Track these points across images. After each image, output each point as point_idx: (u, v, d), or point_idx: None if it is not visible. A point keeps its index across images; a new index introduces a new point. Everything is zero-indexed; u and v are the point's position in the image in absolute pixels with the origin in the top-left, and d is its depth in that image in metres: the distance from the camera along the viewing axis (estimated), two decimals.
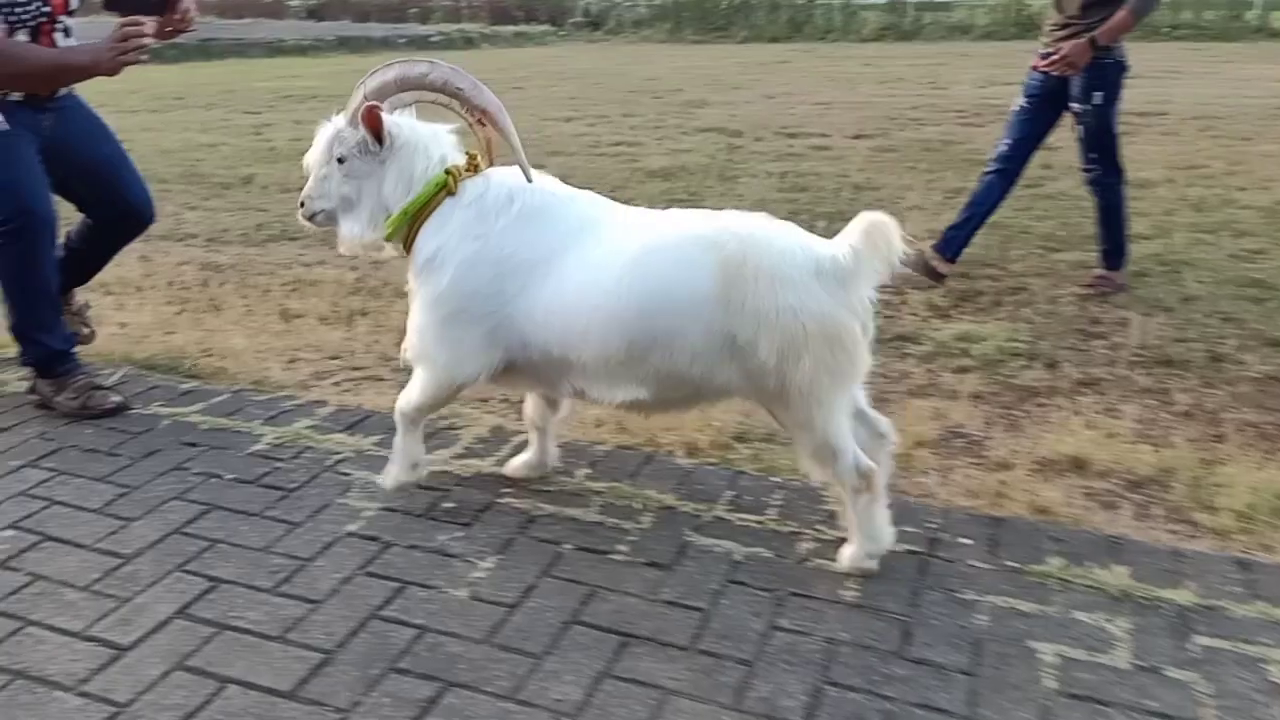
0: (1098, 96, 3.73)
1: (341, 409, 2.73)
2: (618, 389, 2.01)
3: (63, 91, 2.71)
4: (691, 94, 11.02)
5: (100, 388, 2.73)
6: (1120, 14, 3.58)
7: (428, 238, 2.09)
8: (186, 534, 2.10)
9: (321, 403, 2.76)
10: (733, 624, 1.78)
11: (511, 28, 22.25)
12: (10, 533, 2.10)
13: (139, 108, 10.43)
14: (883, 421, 2.06)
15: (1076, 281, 3.95)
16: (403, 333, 2.24)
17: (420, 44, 19.60)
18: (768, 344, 1.84)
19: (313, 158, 2.20)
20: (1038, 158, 4.18)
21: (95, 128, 2.86)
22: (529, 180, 2.12)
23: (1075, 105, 3.77)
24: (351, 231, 2.17)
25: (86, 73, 2.53)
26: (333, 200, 2.18)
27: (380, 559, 1.99)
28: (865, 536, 1.93)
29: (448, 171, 2.11)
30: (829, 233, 1.97)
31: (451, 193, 2.10)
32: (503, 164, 2.22)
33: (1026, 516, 2.13)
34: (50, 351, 2.73)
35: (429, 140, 2.14)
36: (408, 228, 2.11)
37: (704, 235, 1.92)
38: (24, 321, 2.71)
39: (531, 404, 2.28)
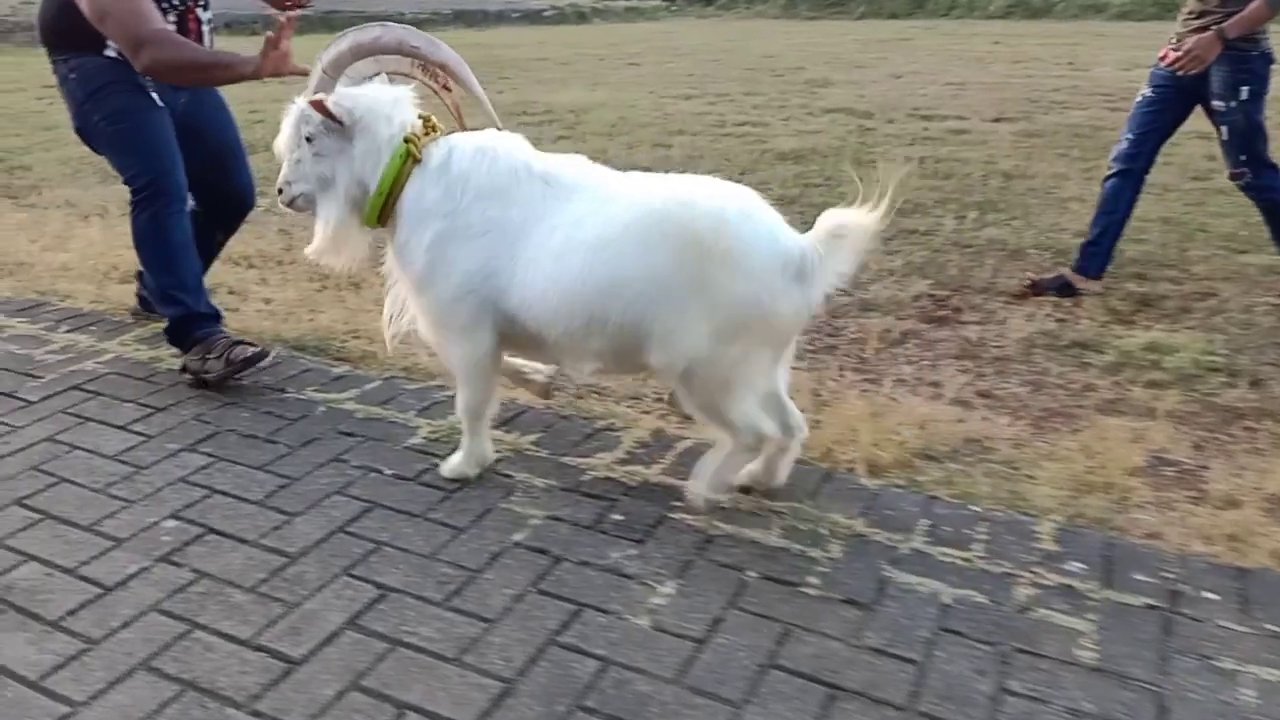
0: (1244, 92, 3.31)
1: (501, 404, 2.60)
2: (585, 363, 2.03)
3: None
4: (813, 72, 10.64)
5: (239, 342, 2.70)
6: (1254, 4, 3.16)
7: (402, 218, 2.08)
8: (350, 533, 2.00)
9: None
10: (954, 682, 1.58)
11: (623, 2, 22.03)
12: (173, 523, 2.04)
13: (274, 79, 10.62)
14: (797, 415, 2.04)
15: (1270, 288, 3.58)
16: None
17: (533, 18, 19.58)
18: (713, 328, 1.84)
19: (282, 142, 2.16)
20: (1201, 148, 3.79)
21: (222, 112, 2.97)
22: (499, 128, 2.14)
23: (1216, 103, 3.35)
24: (329, 214, 2.12)
25: (239, 78, 2.56)
26: (310, 181, 2.14)
27: (552, 575, 1.85)
28: (714, 476, 2.01)
29: (407, 140, 2.06)
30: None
31: (417, 160, 2.06)
32: (474, 129, 2.20)
33: (1276, 569, 1.86)
34: (191, 313, 2.72)
35: (390, 107, 2.09)
36: (383, 207, 2.09)
37: (672, 215, 1.87)
38: (164, 281, 2.74)
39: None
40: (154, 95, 2.67)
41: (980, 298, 3.58)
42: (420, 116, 2.13)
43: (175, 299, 2.72)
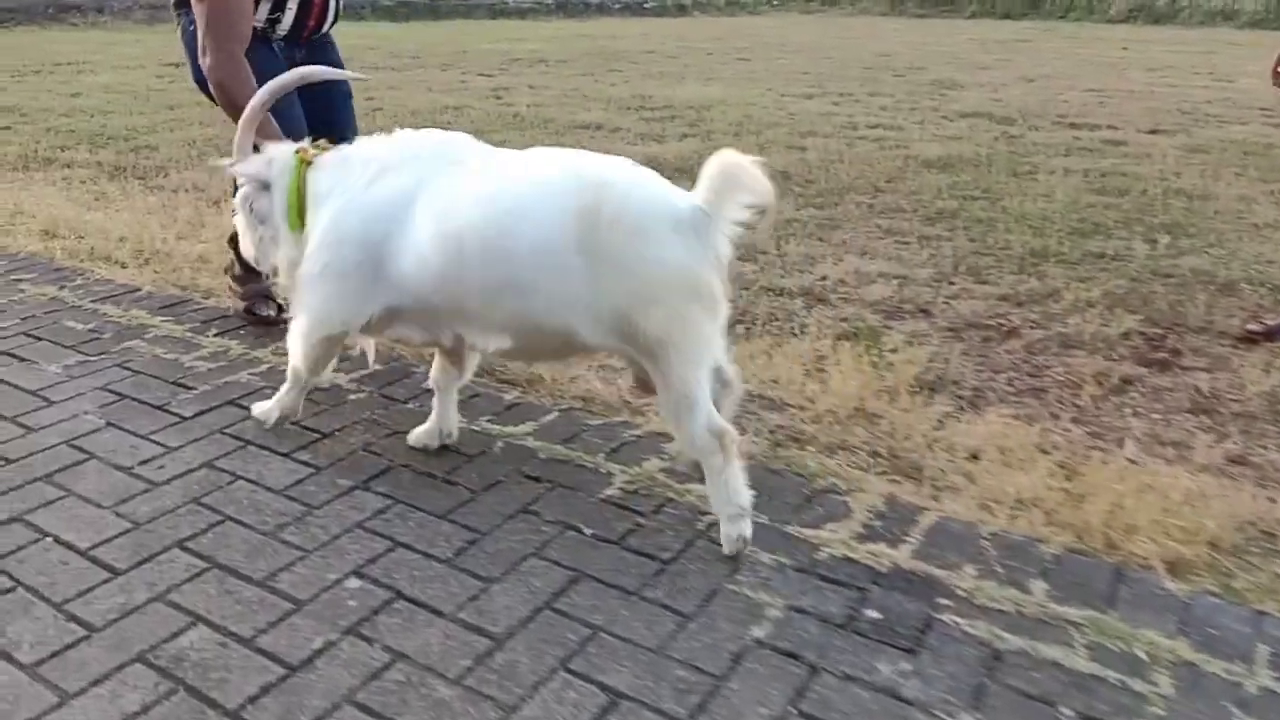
0: None
1: None
2: (489, 337, 1.98)
3: (328, 27, 2.91)
4: (937, 73, 10.12)
5: (267, 296, 2.93)
6: None
7: (309, 213, 2.14)
8: (558, 611, 1.69)
9: (664, 435, 2.33)
10: None
11: None
12: (356, 583, 1.77)
13: (380, 64, 10.48)
14: (728, 369, 1.94)
15: None
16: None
17: (635, 10, 19.28)
18: (623, 294, 1.80)
19: (249, 237, 2.31)
20: None
21: (338, 63, 2.97)
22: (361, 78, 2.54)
23: None
24: (286, 257, 2.22)
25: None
26: (274, 250, 2.26)
27: (812, 692, 1.52)
28: (726, 504, 1.86)
29: (296, 153, 2.20)
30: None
31: (308, 163, 2.17)
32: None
33: None
34: None
35: (280, 148, 2.24)
36: (299, 214, 2.16)
37: (559, 183, 1.86)
38: None
39: (435, 364, 2.25)
40: (273, 47, 2.76)
41: (1200, 339, 3.14)
42: (313, 142, 2.26)
43: None
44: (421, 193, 1.97)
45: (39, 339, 2.83)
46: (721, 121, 7.27)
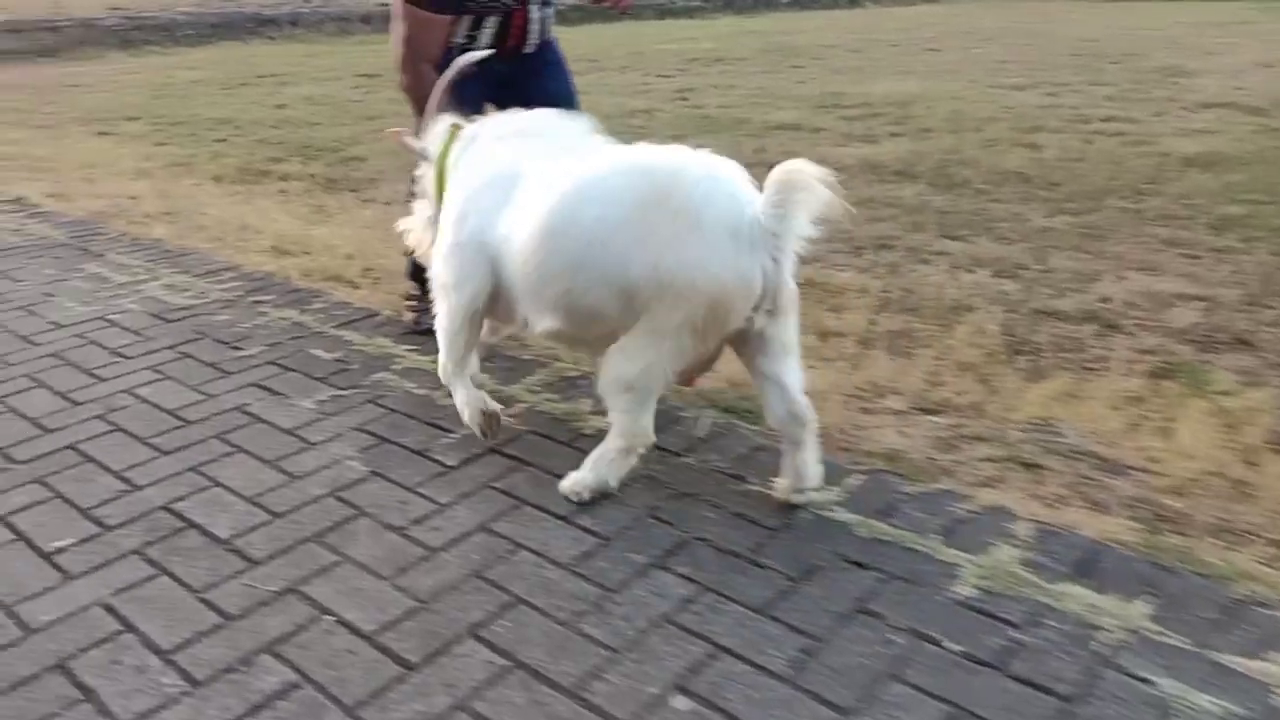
0: None
1: (1044, 529, 1.87)
2: (543, 317, 1.99)
3: (530, 48, 2.81)
4: (1158, 59, 9.17)
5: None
6: None
7: (447, 183, 2.21)
8: None
9: (1004, 512, 1.92)
10: None
11: None
12: (683, 702, 1.46)
13: None
14: (799, 403, 1.89)
15: None
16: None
17: (803, 3, 18.66)
18: (655, 285, 1.76)
19: (417, 218, 2.43)
20: None
21: (551, 69, 2.91)
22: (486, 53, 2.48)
23: None
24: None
25: None
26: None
27: None
28: (596, 471, 1.97)
29: (451, 125, 2.26)
30: None
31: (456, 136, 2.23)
32: None
33: None
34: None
35: (443, 121, 2.30)
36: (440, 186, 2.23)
37: (633, 167, 1.87)
38: None
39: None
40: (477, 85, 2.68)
41: None
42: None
43: None
44: (528, 175, 2.01)
45: (287, 369, 2.70)
46: (930, 117, 6.72)
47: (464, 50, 2.69)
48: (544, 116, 2.17)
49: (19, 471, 2.17)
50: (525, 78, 2.82)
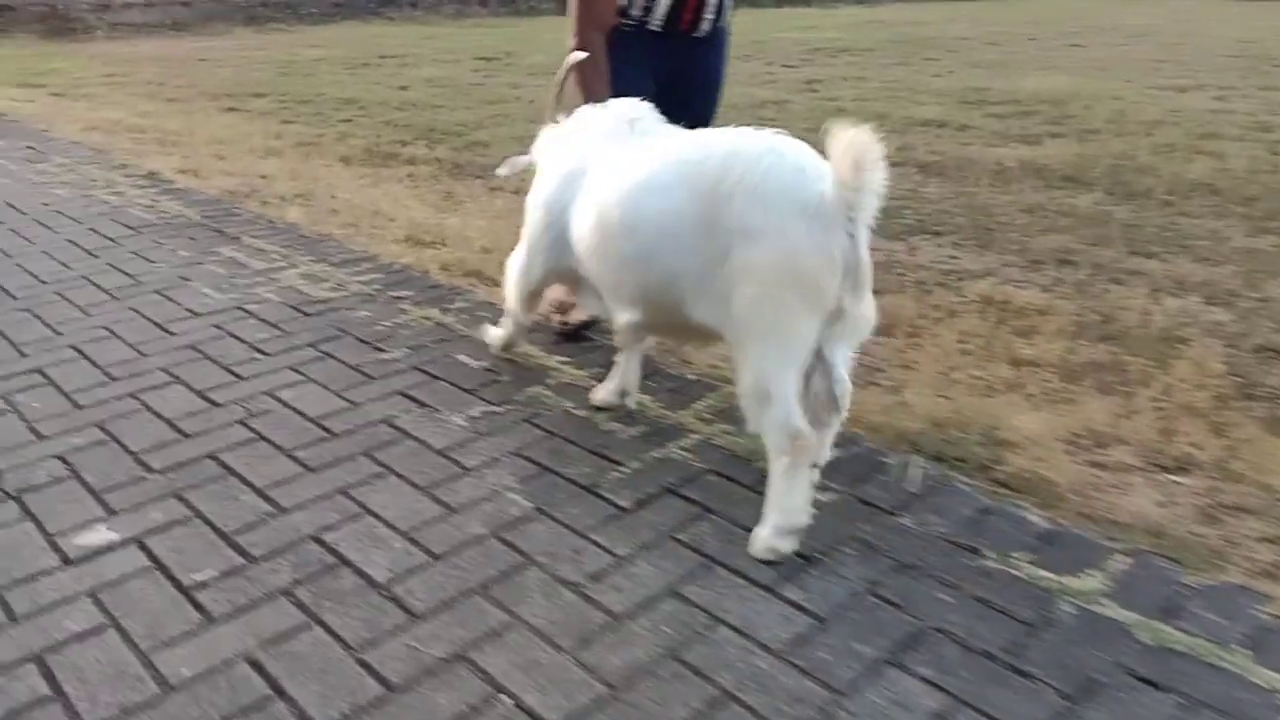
0: None
1: None
2: (621, 308, 2.00)
3: (704, 30, 2.69)
4: None
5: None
6: None
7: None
8: None
9: None
10: None
11: None
12: None
13: None
14: (844, 384, 1.79)
15: None
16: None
17: None
18: (732, 271, 1.69)
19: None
20: None
21: (706, 81, 2.81)
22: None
23: None
24: None
25: None
26: None
27: None
28: (780, 509, 1.72)
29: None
30: None
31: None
32: None
33: None
34: None
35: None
36: None
37: (688, 152, 1.82)
38: None
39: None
40: (643, 42, 2.64)
41: None
42: None
43: None
44: (604, 168, 1.99)
45: (434, 377, 2.46)
46: (1090, 117, 6.18)
47: (640, 25, 2.67)
48: (621, 106, 2.15)
49: (156, 483, 1.98)
50: (687, 85, 2.74)
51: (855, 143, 1.55)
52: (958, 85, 7.75)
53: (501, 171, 2.46)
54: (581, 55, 2.50)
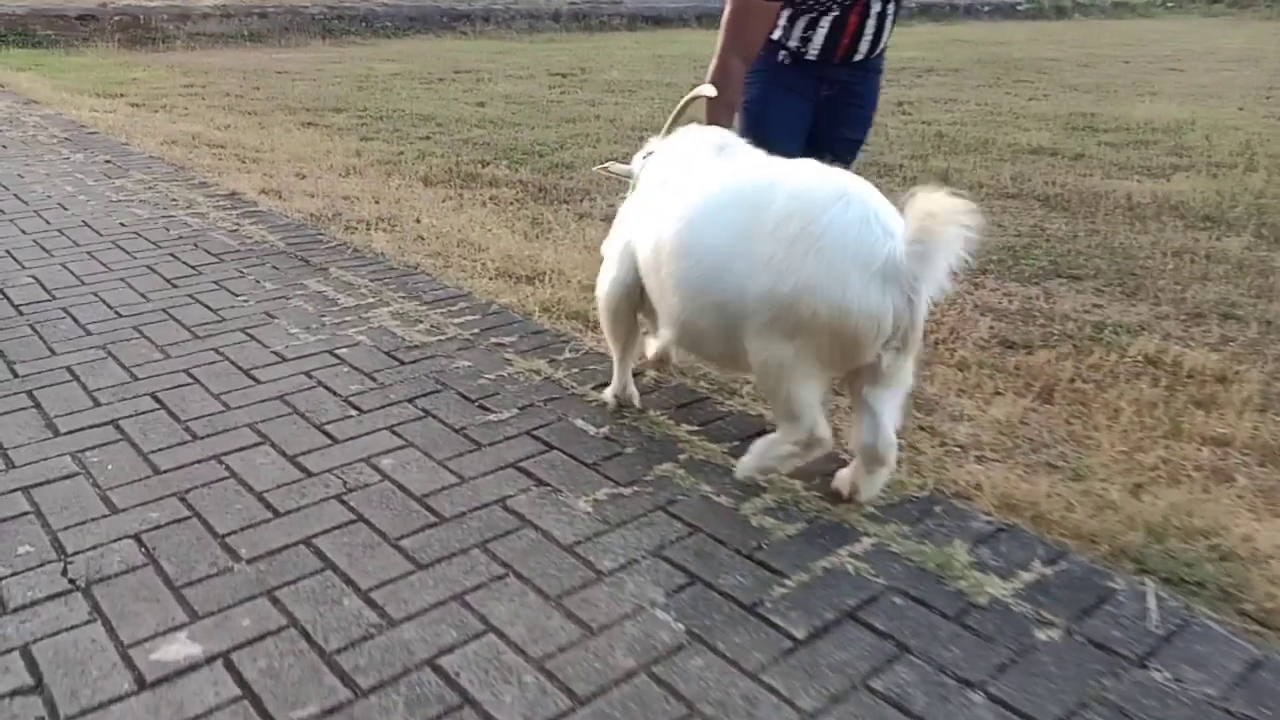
0: None
1: None
2: (666, 328, 2.00)
3: (861, 55, 2.58)
4: None
5: None
6: None
7: None
8: None
9: None
10: None
11: None
12: None
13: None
14: (888, 439, 1.78)
15: None
16: None
17: (1006, 12, 17.36)
18: (771, 310, 1.68)
19: None
20: None
21: (860, 105, 2.72)
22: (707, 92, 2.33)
23: None
24: None
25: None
26: None
27: None
28: (761, 459, 1.90)
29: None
30: None
31: None
32: None
33: None
34: None
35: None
36: None
37: (757, 187, 1.77)
38: None
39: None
40: (797, 71, 2.59)
41: None
42: None
43: None
44: (671, 188, 1.97)
45: (549, 446, 2.15)
46: (1213, 149, 5.71)
47: (797, 55, 2.57)
48: (711, 132, 2.14)
49: (245, 577, 1.69)
50: (839, 113, 2.67)
51: (933, 207, 1.50)
52: (1060, 110, 7.30)
53: (598, 169, 2.46)
54: (710, 90, 2.36)
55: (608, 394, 2.35)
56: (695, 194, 1.88)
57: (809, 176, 1.73)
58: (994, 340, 2.98)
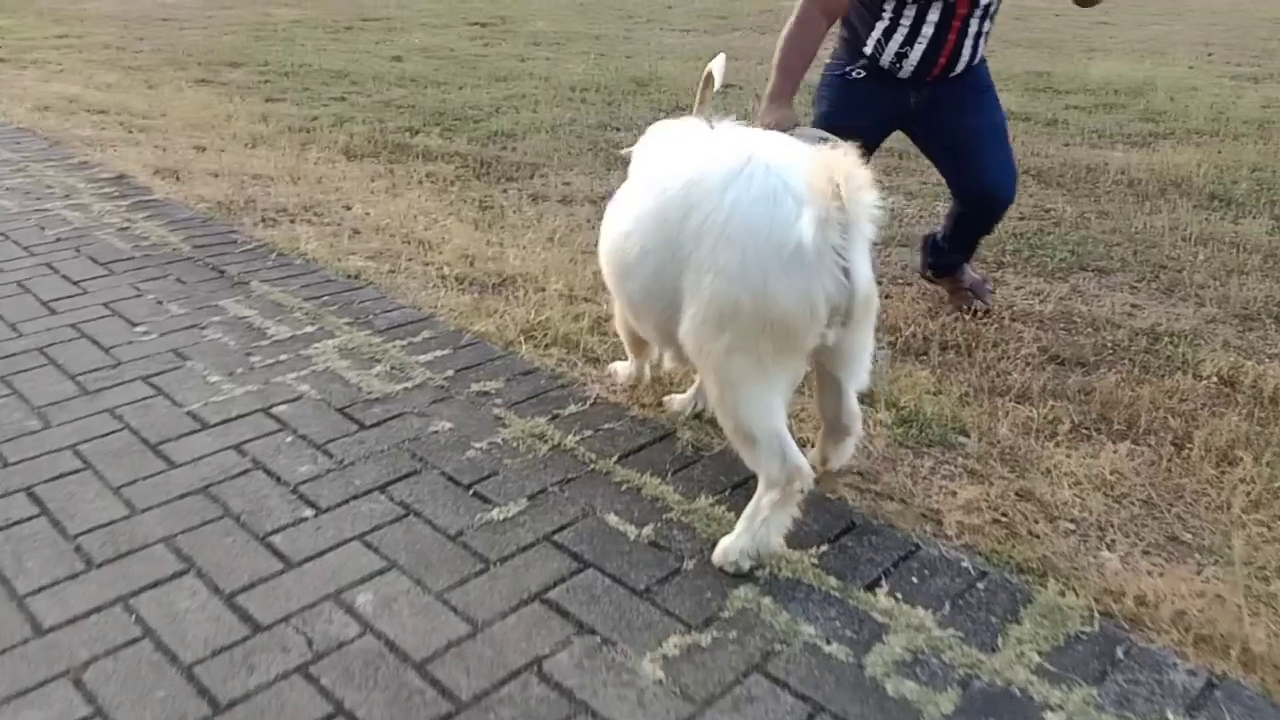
0: None
1: None
2: (652, 335, 1.81)
3: (959, 69, 2.41)
4: None
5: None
6: None
7: None
8: None
9: None
10: None
11: None
12: None
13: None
14: (852, 411, 1.69)
15: None
16: None
17: None
18: (700, 309, 1.50)
19: None
20: None
21: (971, 98, 2.51)
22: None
23: None
24: None
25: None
26: None
27: None
28: (751, 533, 1.56)
29: None
30: None
31: None
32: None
33: None
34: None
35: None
36: None
37: (669, 183, 1.58)
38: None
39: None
40: (888, 84, 2.43)
41: None
42: None
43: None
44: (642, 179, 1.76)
45: (582, 562, 1.59)
46: (1185, 114, 5.40)
47: (889, 73, 2.39)
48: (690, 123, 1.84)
49: None
50: (945, 109, 2.47)
51: (836, 167, 1.34)
52: (1013, 69, 6.91)
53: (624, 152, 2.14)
54: (720, 63, 2.05)
55: (620, 372, 2.21)
56: (628, 207, 1.71)
57: (707, 156, 1.55)
58: (1043, 357, 2.55)
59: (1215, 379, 2.42)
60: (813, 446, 1.88)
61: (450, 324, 2.52)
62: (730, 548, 1.57)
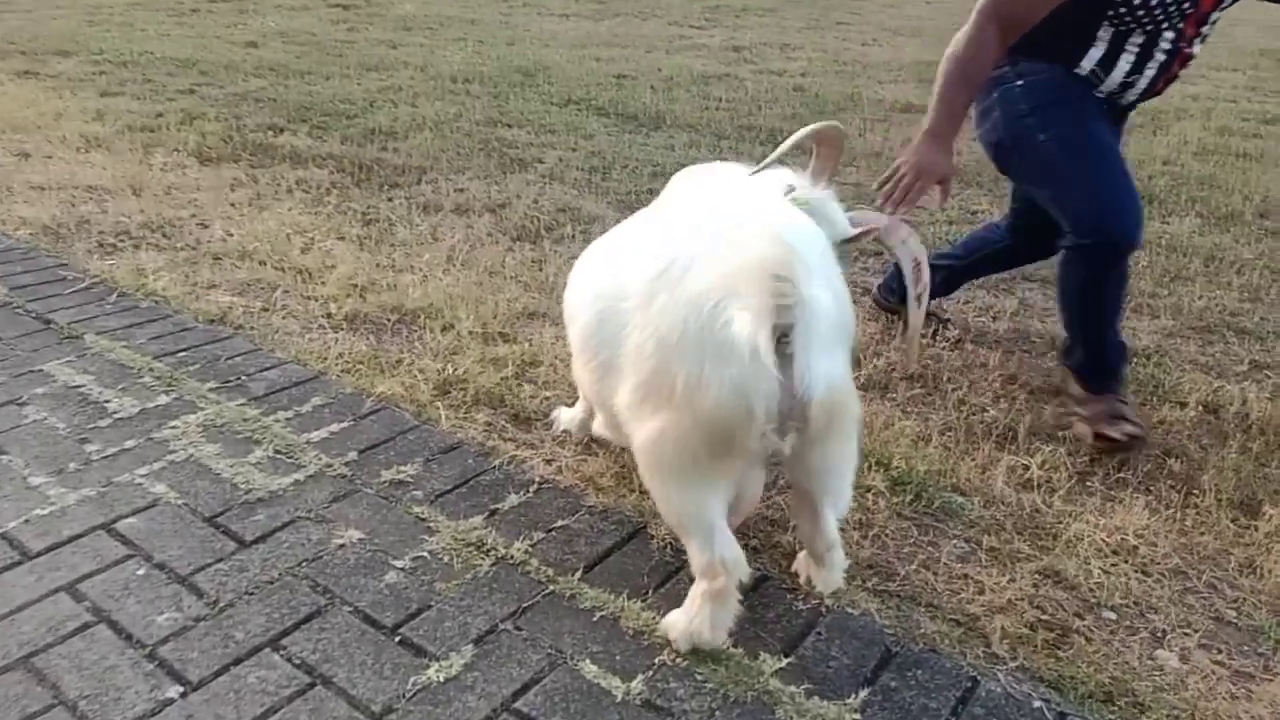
0: None
1: None
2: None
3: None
4: None
5: (1122, 416, 1.99)
6: None
7: None
8: None
9: None
10: None
11: None
12: None
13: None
14: (830, 538, 1.41)
15: None
16: None
17: None
18: (635, 372, 1.34)
19: None
20: None
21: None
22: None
23: None
24: None
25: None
26: None
27: None
28: (689, 622, 1.36)
29: None
30: None
31: None
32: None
33: None
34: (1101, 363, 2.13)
35: None
36: None
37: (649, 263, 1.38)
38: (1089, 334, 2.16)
39: None
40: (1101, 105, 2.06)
41: None
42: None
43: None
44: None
45: None
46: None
47: (1108, 103, 2.08)
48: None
49: None
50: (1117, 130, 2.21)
51: (771, 259, 1.15)
52: (902, 59, 6.78)
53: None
54: (831, 128, 1.66)
55: (563, 419, 1.90)
56: (605, 268, 1.54)
57: (653, 249, 1.38)
58: (1014, 386, 2.29)
59: (1200, 408, 2.22)
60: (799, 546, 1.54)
61: (346, 384, 2.03)
62: (673, 623, 1.40)
